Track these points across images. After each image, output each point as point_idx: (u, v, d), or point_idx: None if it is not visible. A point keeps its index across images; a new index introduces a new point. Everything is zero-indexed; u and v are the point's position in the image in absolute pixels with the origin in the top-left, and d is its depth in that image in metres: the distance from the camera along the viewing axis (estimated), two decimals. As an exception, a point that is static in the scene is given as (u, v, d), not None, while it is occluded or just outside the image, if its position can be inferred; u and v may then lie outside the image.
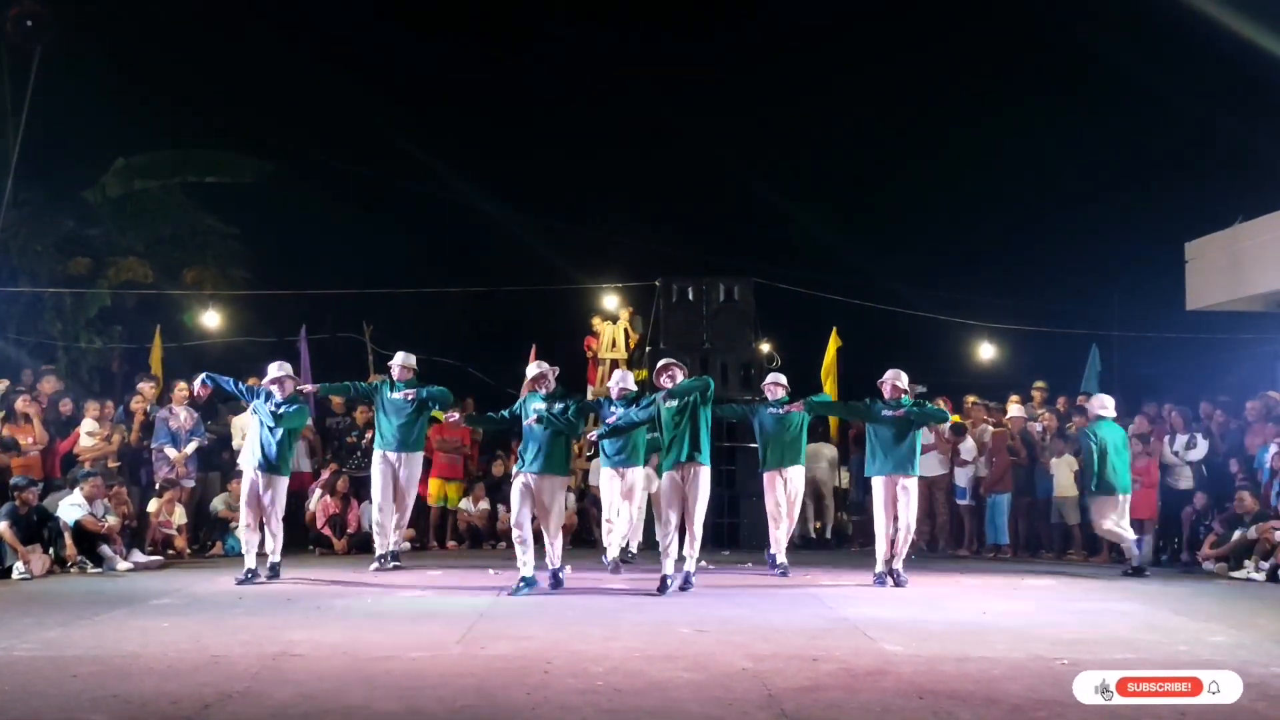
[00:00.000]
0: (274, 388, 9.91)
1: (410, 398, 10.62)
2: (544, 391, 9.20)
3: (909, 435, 9.91)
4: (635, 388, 10.49)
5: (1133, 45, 20.01)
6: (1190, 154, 20.66)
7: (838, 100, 24.96)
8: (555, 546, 9.23)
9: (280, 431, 9.78)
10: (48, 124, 15.33)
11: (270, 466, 9.83)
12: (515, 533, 9.00)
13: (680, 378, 9.10)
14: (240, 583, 9.54)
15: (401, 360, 10.78)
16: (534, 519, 9.15)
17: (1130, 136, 22.30)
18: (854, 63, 24.92)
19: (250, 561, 9.79)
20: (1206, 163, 20.07)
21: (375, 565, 10.57)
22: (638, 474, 10.50)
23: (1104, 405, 11.18)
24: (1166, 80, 19.20)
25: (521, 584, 8.87)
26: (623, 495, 10.48)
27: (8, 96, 15.54)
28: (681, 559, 9.23)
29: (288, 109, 22.11)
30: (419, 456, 10.94)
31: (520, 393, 9.75)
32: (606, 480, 10.64)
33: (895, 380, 9.97)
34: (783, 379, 10.96)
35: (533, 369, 9.37)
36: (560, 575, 9.22)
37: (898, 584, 9.74)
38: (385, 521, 10.68)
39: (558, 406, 9.07)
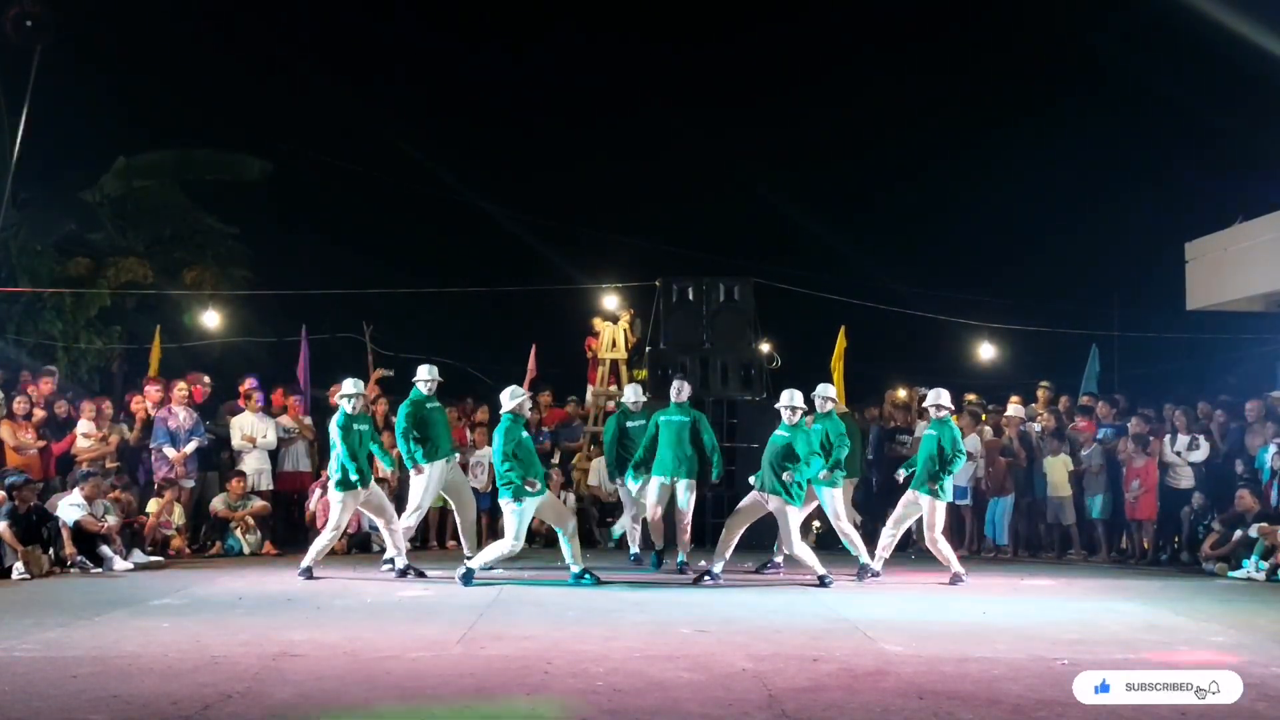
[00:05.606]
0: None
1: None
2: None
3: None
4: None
5: (1133, 46, 20.04)
6: (1190, 154, 20.69)
7: (838, 101, 25.00)
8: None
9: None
10: (48, 124, 15.31)
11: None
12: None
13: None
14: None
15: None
16: None
17: (1130, 136, 22.33)
18: (855, 64, 24.98)
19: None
20: (1206, 163, 20.09)
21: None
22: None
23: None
24: (1166, 80, 19.23)
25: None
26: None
27: (7, 96, 15.52)
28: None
29: (288, 109, 22.13)
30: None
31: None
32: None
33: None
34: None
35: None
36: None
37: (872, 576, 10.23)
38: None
39: None
